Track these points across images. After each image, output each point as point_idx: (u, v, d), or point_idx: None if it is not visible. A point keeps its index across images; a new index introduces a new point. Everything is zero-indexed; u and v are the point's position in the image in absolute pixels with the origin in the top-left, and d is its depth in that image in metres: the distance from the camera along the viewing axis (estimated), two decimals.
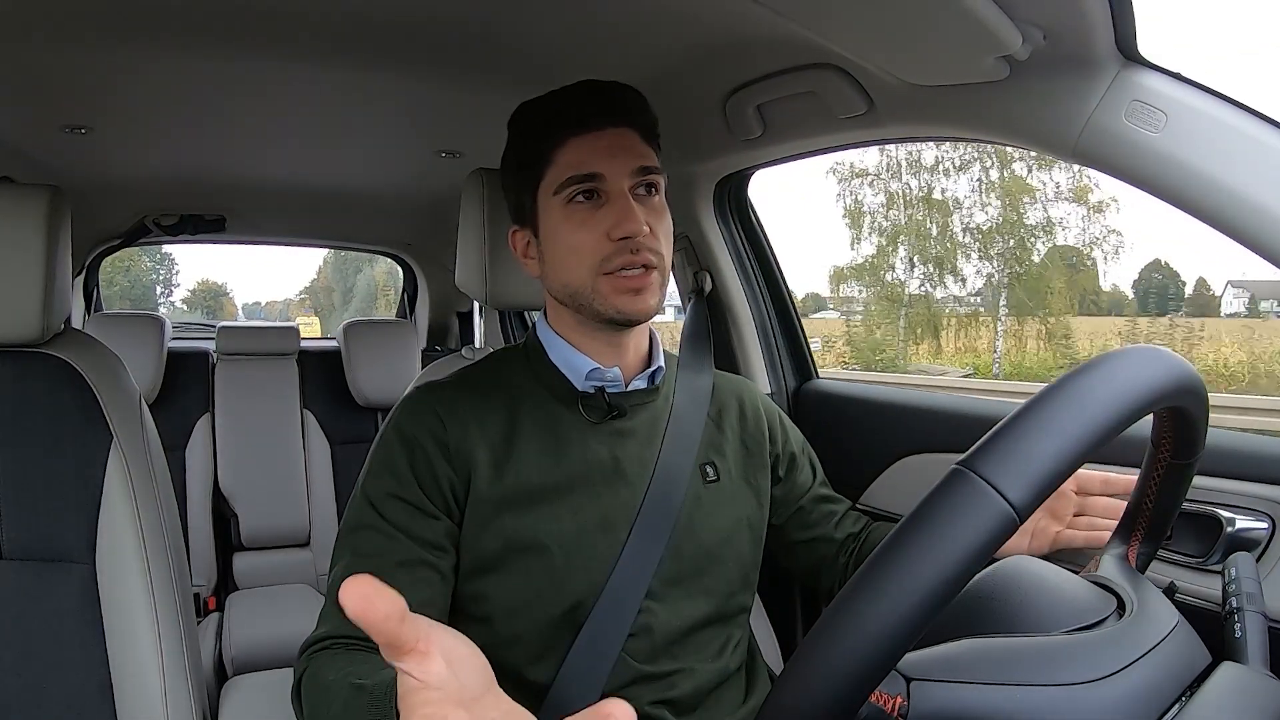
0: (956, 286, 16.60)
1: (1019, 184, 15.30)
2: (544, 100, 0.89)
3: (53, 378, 0.99)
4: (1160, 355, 0.54)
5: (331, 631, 0.79)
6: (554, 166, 0.86)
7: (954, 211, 15.96)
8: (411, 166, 1.91)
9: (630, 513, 0.86)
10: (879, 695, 0.49)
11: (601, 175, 0.84)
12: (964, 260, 16.16)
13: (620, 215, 0.83)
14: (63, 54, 1.16)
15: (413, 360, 2.47)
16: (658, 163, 0.88)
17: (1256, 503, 0.83)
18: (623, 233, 0.83)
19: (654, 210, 0.86)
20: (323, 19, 1.08)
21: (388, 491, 0.84)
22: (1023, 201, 15.40)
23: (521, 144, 0.89)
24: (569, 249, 0.85)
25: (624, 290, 0.84)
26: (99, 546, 0.96)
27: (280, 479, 2.33)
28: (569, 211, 0.85)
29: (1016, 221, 15.50)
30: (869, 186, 16.53)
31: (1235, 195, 0.73)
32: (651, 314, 0.88)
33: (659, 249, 0.85)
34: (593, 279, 0.85)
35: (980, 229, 15.73)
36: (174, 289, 26.81)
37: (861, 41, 0.88)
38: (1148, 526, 0.69)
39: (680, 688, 0.85)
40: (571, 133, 0.85)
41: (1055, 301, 15.51)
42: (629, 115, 0.87)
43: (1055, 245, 15.66)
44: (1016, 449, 0.46)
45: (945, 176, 15.80)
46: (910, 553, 0.44)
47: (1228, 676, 0.57)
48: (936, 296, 16.75)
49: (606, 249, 0.84)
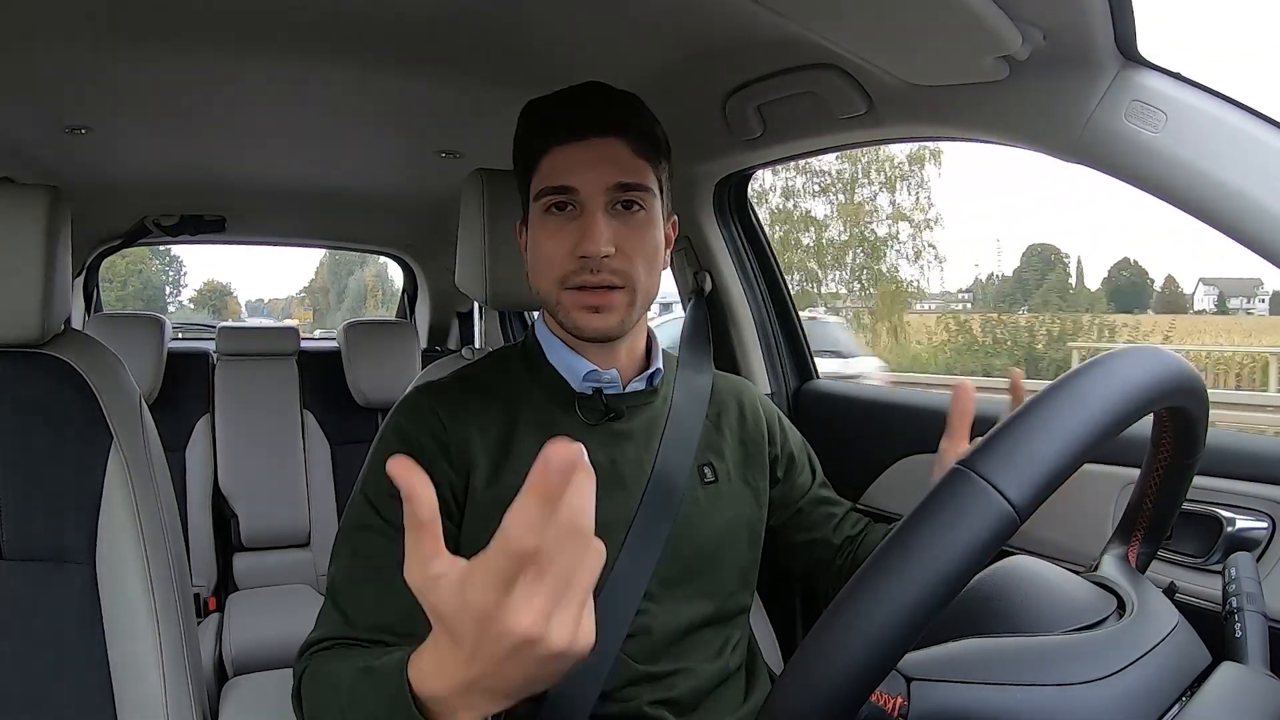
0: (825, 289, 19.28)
1: (858, 207, 17.98)
2: (543, 102, 0.88)
3: (53, 378, 0.99)
4: (1160, 355, 0.54)
5: (331, 633, 0.79)
6: (539, 172, 0.85)
7: (818, 228, 18.58)
8: (411, 167, 1.91)
9: (628, 514, 0.86)
10: (879, 695, 0.49)
11: (574, 189, 0.83)
12: (823, 269, 18.83)
13: (583, 232, 0.82)
14: (63, 54, 1.17)
15: (413, 360, 2.47)
16: (647, 179, 0.86)
17: (1256, 502, 0.83)
18: (582, 251, 0.82)
19: (632, 228, 0.84)
20: (323, 20, 1.08)
21: (389, 492, 0.83)
22: (866, 221, 18.15)
23: (519, 142, 0.90)
24: (542, 257, 0.86)
25: (582, 306, 0.84)
26: (99, 547, 0.96)
27: (280, 479, 2.33)
28: (544, 220, 0.85)
29: (861, 237, 18.15)
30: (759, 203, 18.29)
31: (1235, 195, 0.73)
32: (615, 334, 0.87)
33: (628, 269, 0.84)
34: (557, 291, 0.85)
35: (834, 243, 18.53)
36: (182, 289, 28.99)
37: (861, 41, 0.88)
38: (1148, 526, 0.69)
39: (680, 688, 0.85)
40: (556, 140, 0.84)
41: (889, 303, 17.94)
42: (620, 126, 0.85)
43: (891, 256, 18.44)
44: (1017, 449, 0.46)
45: (812, 198, 18.32)
46: (910, 553, 0.44)
47: (1228, 676, 0.57)
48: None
49: (569, 265, 0.83)
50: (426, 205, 2.24)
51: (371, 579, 0.80)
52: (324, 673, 0.74)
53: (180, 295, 28.52)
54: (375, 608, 0.79)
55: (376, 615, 0.79)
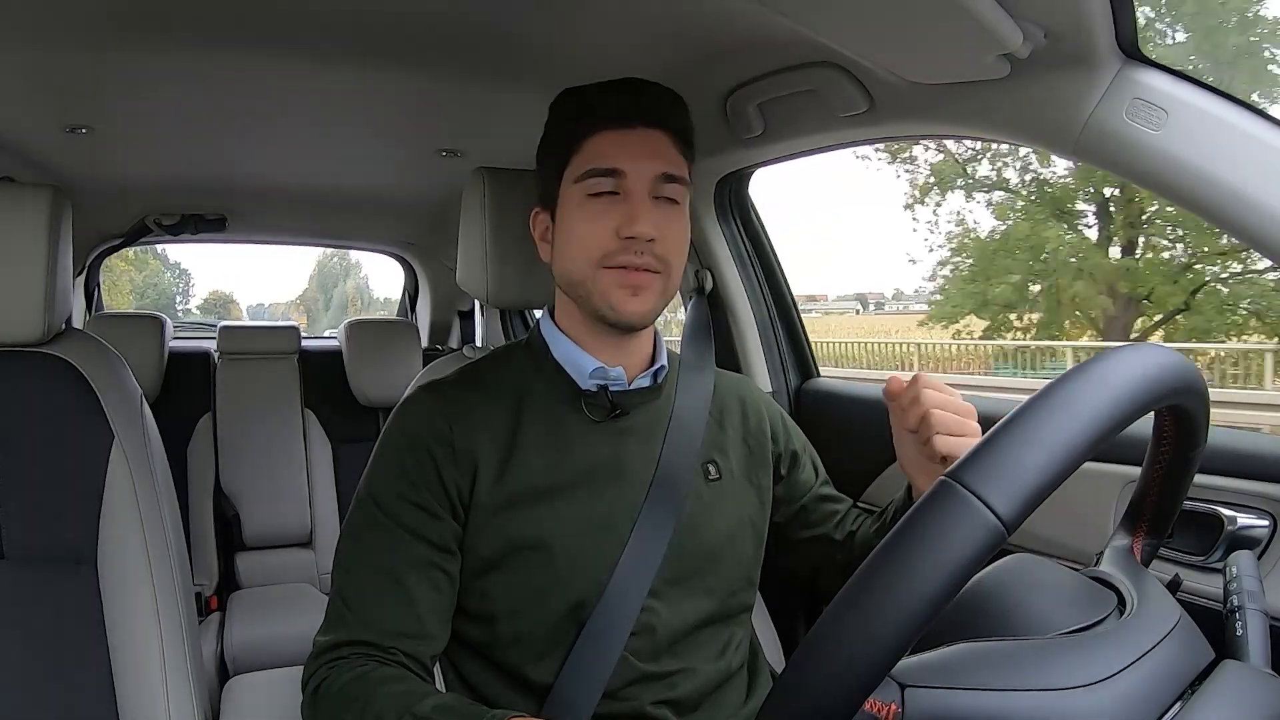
0: None
1: None
2: (586, 89, 0.89)
3: (54, 378, 0.99)
4: (1154, 353, 0.53)
5: (344, 637, 0.79)
6: (580, 154, 0.86)
7: None
8: (412, 166, 1.91)
9: (633, 511, 0.86)
10: (873, 703, 0.49)
11: (623, 172, 0.84)
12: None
13: (631, 214, 0.83)
14: (63, 54, 1.17)
15: (414, 360, 2.46)
16: (685, 173, 0.88)
17: (1258, 500, 0.83)
18: (630, 232, 0.83)
19: (669, 218, 0.86)
20: (323, 19, 1.08)
21: (393, 492, 0.83)
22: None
23: (557, 127, 0.90)
24: (577, 238, 0.86)
25: (622, 285, 0.84)
26: (101, 546, 0.96)
27: (282, 479, 2.33)
28: (585, 202, 0.85)
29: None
30: None
31: (1235, 193, 0.73)
32: (647, 319, 0.87)
33: (666, 256, 0.85)
34: (594, 270, 0.85)
35: None
36: (190, 299, 31.51)
37: (862, 40, 0.88)
38: (1152, 518, 0.68)
39: (682, 688, 0.85)
40: (605, 125, 0.86)
41: None
42: (665, 120, 0.87)
43: None
44: (1004, 461, 0.45)
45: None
46: (897, 566, 0.44)
47: (1229, 675, 0.56)
48: None
49: (611, 245, 0.84)
50: (427, 204, 2.24)
51: (381, 582, 0.81)
52: (353, 695, 0.74)
53: (189, 303, 31.26)
54: (388, 613, 0.80)
55: (389, 620, 0.79)
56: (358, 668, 0.77)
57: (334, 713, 0.75)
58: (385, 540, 0.82)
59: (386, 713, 0.72)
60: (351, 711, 0.73)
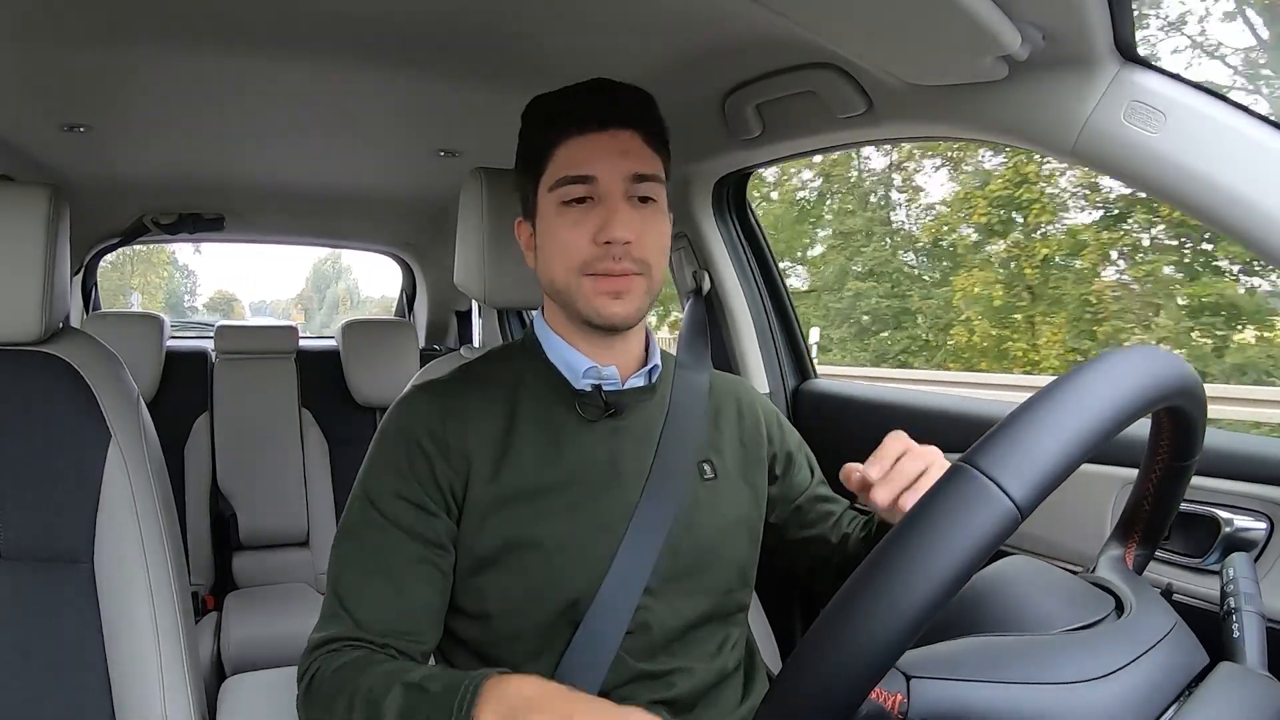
0: None
1: None
2: (553, 96, 0.89)
3: (51, 377, 0.99)
4: (1159, 355, 0.54)
5: (339, 634, 0.79)
6: (553, 163, 0.86)
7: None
8: (410, 166, 1.91)
9: (627, 510, 0.86)
10: (879, 693, 0.49)
11: (594, 178, 0.84)
12: None
13: (606, 220, 0.83)
14: (63, 54, 1.16)
15: (411, 359, 2.47)
16: (660, 171, 0.88)
17: (1254, 503, 0.84)
18: (606, 237, 0.83)
19: (646, 219, 0.86)
20: (322, 19, 1.08)
21: (389, 490, 0.83)
22: None
23: (528, 136, 0.90)
24: (557, 247, 0.86)
25: (603, 292, 0.84)
26: (98, 545, 0.96)
27: (279, 478, 2.33)
28: (561, 210, 0.85)
29: None
30: None
31: (1233, 195, 0.73)
32: (632, 320, 0.87)
33: (645, 257, 0.85)
34: (575, 278, 0.85)
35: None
36: (197, 298, 34.56)
37: (860, 41, 0.88)
38: (1145, 529, 0.69)
39: (678, 687, 0.85)
40: (573, 131, 0.85)
41: None
42: (634, 119, 0.86)
43: None
44: (1019, 445, 0.46)
45: None
46: (912, 549, 0.44)
47: (1226, 676, 0.57)
48: None
49: (590, 251, 0.84)
50: (425, 204, 2.24)
51: (377, 579, 0.81)
52: (349, 683, 0.74)
53: (195, 302, 34.13)
54: (384, 610, 0.80)
55: (386, 618, 0.80)
56: (348, 655, 0.77)
57: (326, 698, 0.75)
58: (380, 538, 0.82)
59: (376, 686, 0.72)
60: (344, 694, 0.73)
